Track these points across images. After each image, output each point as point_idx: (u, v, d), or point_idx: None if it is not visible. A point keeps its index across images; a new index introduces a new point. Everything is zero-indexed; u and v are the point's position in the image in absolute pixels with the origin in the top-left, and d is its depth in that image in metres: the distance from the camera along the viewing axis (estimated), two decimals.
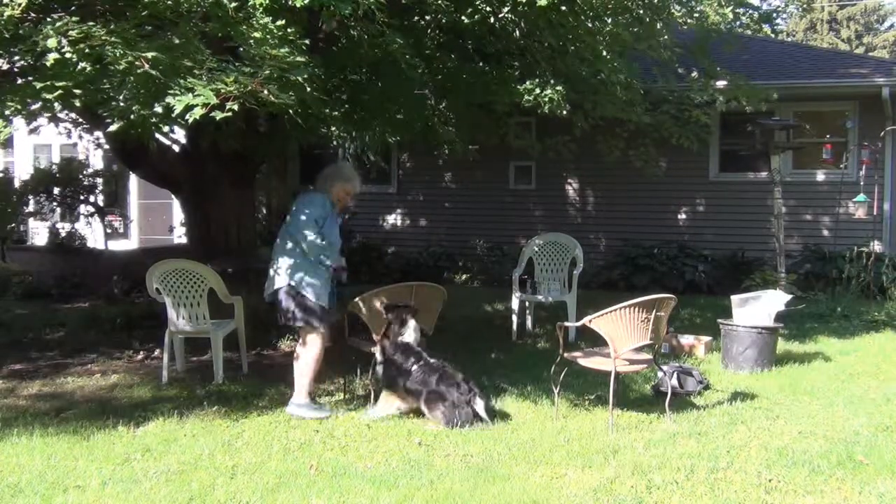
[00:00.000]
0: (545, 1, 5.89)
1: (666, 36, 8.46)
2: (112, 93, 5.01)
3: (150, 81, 4.66)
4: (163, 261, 6.73)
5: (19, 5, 4.53)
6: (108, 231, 15.53)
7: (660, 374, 6.11)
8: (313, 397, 5.93)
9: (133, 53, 4.50)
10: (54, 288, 11.37)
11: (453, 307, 7.80)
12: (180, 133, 8.77)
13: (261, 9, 4.84)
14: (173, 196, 11.14)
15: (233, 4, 4.80)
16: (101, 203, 15.04)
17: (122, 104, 5.03)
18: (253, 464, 4.65)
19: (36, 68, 5.19)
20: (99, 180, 14.84)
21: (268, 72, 4.70)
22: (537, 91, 7.07)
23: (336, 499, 4.13)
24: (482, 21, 6.96)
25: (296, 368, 5.67)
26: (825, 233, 11.90)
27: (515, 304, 8.61)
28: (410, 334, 5.66)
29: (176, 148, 9.19)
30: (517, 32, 7.43)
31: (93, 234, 15.16)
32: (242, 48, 4.98)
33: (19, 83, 5.32)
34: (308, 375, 5.62)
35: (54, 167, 14.55)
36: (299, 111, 5.61)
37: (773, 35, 13.56)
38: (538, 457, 4.74)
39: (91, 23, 4.60)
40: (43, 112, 5.86)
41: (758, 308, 7.13)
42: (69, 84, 4.65)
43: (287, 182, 14.25)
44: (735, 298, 7.29)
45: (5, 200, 13.66)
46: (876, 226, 11.62)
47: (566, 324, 6.35)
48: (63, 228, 14.67)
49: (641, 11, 7.70)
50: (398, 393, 5.58)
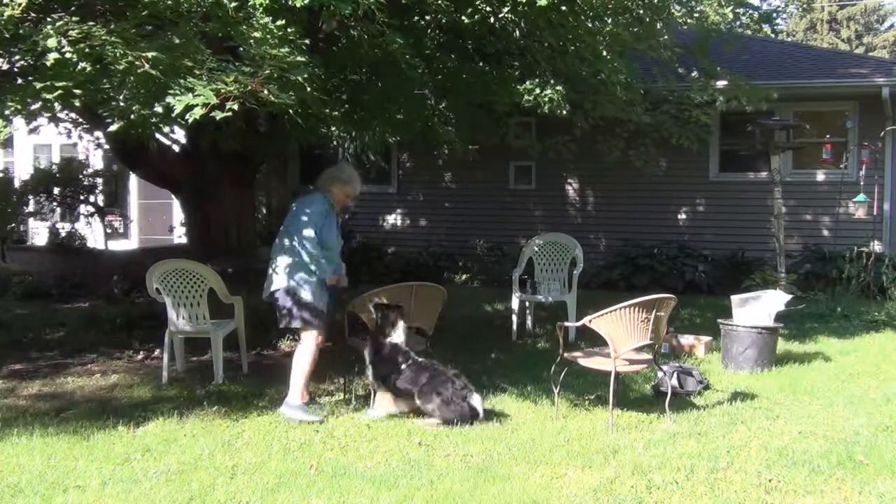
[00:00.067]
0: (545, 1, 5.89)
1: (666, 36, 8.46)
2: (112, 93, 5.01)
3: (150, 81, 4.66)
4: (163, 261, 6.73)
5: (19, 5, 4.53)
6: (108, 231, 15.53)
7: (660, 374, 6.11)
8: (313, 397, 5.93)
9: (133, 53, 4.51)
10: (54, 288, 11.36)
11: (453, 307, 7.80)
12: (180, 133, 8.77)
13: (261, 9, 4.84)
14: (173, 196, 11.14)
15: (233, 4, 4.81)
16: (101, 203, 15.03)
17: (122, 104, 5.04)
18: (253, 464, 4.65)
19: (36, 68, 5.19)
20: (99, 180, 14.84)
21: (268, 72, 4.70)
22: (537, 91, 7.07)
23: (336, 499, 4.13)
24: (482, 21, 6.96)
25: (292, 369, 5.67)
26: (825, 233, 11.90)
27: (515, 304, 8.61)
28: (399, 335, 5.65)
29: (176, 148, 9.20)
30: (517, 32, 7.43)
31: (93, 234, 15.15)
32: (242, 48, 4.98)
33: (19, 83, 5.32)
34: (303, 376, 5.60)
35: (54, 167, 14.54)
36: (299, 111, 5.62)
37: (773, 35, 13.56)
38: (538, 457, 4.74)
39: (91, 23, 4.60)
40: (43, 112, 5.86)
41: (758, 308, 7.14)
42: (69, 84, 4.65)
43: (287, 182, 14.24)
44: (735, 298, 7.29)
45: (5, 200, 13.66)
46: (876, 226, 11.62)
47: (566, 324, 6.35)
48: (63, 228, 14.66)
49: (641, 11, 7.70)
50: (392, 393, 5.59)
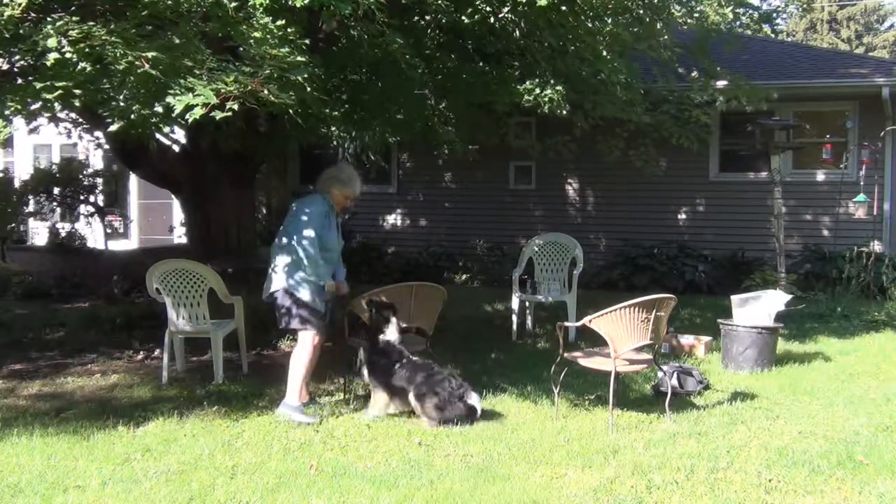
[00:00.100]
0: (545, 1, 5.89)
1: (666, 36, 8.46)
2: (112, 93, 5.01)
3: (151, 81, 4.66)
4: (163, 261, 6.73)
5: (19, 5, 4.53)
6: (108, 231, 15.53)
7: (660, 374, 6.11)
8: (313, 397, 5.94)
9: (133, 53, 4.50)
10: (54, 288, 11.36)
11: (453, 307, 7.80)
12: (180, 133, 8.77)
13: (261, 9, 4.84)
14: (173, 196, 11.15)
15: (233, 4, 4.80)
16: (101, 203, 15.04)
17: (122, 104, 5.04)
18: (253, 464, 4.65)
19: (36, 68, 5.19)
20: (99, 180, 14.85)
21: (268, 71, 4.70)
22: (537, 91, 7.07)
23: (336, 499, 4.13)
24: (482, 21, 6.96)
25: (289, 369, 5.65)
26: (825, 233, 11.90)
27: (515, 304, 8.61)
28: (393, 332, 5.66)
29: (176, 148, 9.20)
30: (517, 32, 7.43)
31: (93, 234, 15.16)
32: (242, 48, 4.98)
33: (19, 83, 5.32)
34: (300, 377, 5.58)
35: (54, 167, 14.55)
36: (299, 111, 5.62)
37: (773, 35, 13.55)
38: (538, 457, 4.74)
39: (91, 23, 4.60)
40: (43, 112, 5.86)
41: (758, 308, 7.14)
42: (69, 84, 4.65)
43: (287, 182, 14.25)
44: (735, 298, 7.29)
45: (5, 200, 13.66)
46: (876, 226, 11.62)
47: (566, 324, 6.35)
48: (63, 228, 14.66)
49: (641, 11, 7.70)
50: (387, 391, 5.59)
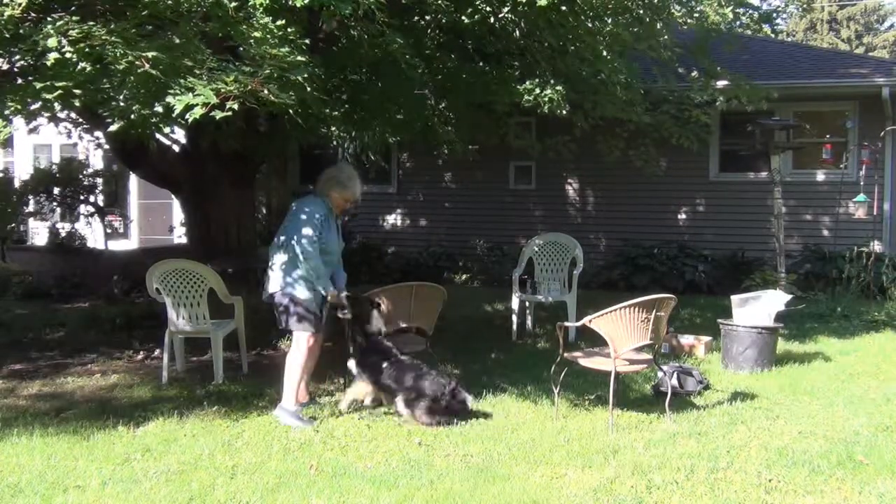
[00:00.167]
0: (545, 1, 5.89)
1: (666, 36, 8.46)
2: (112, 93, 5.01)
3: (151, 81, 4.66)
4: (163, 261, 6.73)
5: (19, 5, 4.53)
6: (108, 231, 15.53)
7: (660, 374, 6.11)
8: (313, 397, 5.93)
9: (133, 53, 4.50)
10: (54, 288, 11.36)
11: (453, 307, 7.80)
12: (180, 133, 8.77)
13: (261, 9, 4.84)
14: (173, 196, 11.14)
15: (233, 4, 4.80)
16: (101, 203, 15.04)
17: (122, 104, 5.04)
18: (253, 464, 4.65)
19: (36, 68, 5.19)
20: (99, 180, 14.85)
21: (268, 71, 4.70)
22: (537, 91, 7.07)
23: (336, 499, 4.13)
24: (482, 21, 6.96)
25: (285, 371, 5.59)
26: (825, 233, 11.90)
27: (515, 304, 8.61)
28: (375, 326, 5.68)
29: (176, 148, 9.19)
30: (517, 32, 7.42)
31: (93, 234, 15.16)
32: (242, 48, 4.98)
33: (19, 83, 5.31)
34: (296, 379, 5.52)
35: (54, 167, 14.55)
36: (299, 111, 5.61)
37: (773, 35, 13.56)
38: (538, 457, 4.74)
39: (91, 22, 4.60)
40: (43, 112, 5.86)
41: (758, 308, 7.14)
42: (69, 84, 4.65)
43: (287, 182, 14.23)
44: (735, 298, 7.29)
45: (5, 200, 13.66)
46: (876, 226, 11.62)
47: (566, 324, 6.35)
48: (63, 228, 14.66)
49: (641, 11, 7.70)
50: (374, 387, 5.60)
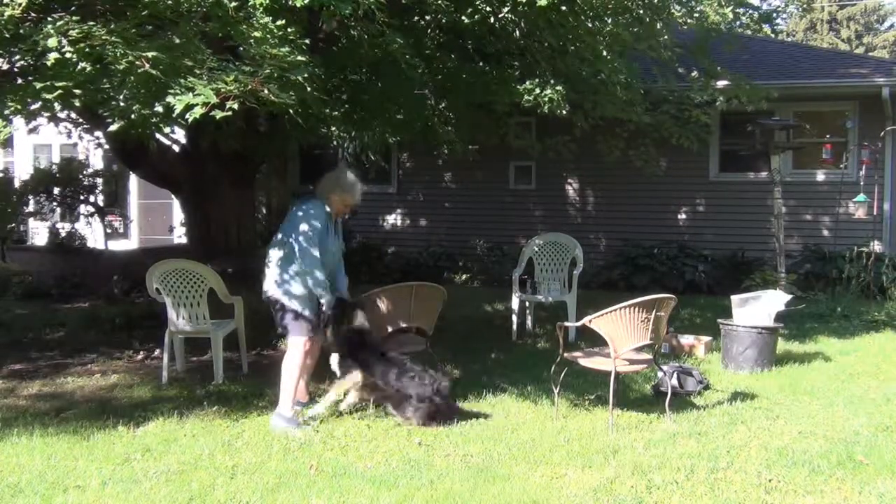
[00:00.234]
0: (545, 1, 5.89)
1: (666, 36, 8.46)
2: (112, 93, 5.01)
3: (151, 81, 4.65)
4: (163, 261, 6.73)
5: (19, 5, 4.53)
6: (108, 231, 15.53)
7: (660, 374, 6.11)
8: (313, 397, 5.92)
9: (133, 53, 4.50)
10: (54, 288, 11.35)
11: (453, 307, 7.80)
12: (180, 133, 8.78)
13: (261, 9, 4.84)
14: (173, 196, 11.15)
15: (233, 4, 4.80)
16: (101, 203, 15.04)
17: (122, 104, 5.04)
18: (253, 464, 4.65)
19: (36, 68, 5.19)
20: (99, 180, 14.85)
21: (268, 71, 4.70)
22: (537, 91, 7.07)
23: (336, 499, 4.13)
24: (482, 21, 6.96)
25: (281, 377, 5.50)
26: (825, 233, 11.89)
27: (515, 304, 8.61)
28: (360, 319, 5.62)
29: (176, 148, 9.21)
30: (517, 32, 7.43)
31: (93, 234, 15.16)
32: (242, 48, 4.98)
33: (19, 83, 5.31)
34: (293, 383, 5.43)
35: (54, 167, 14.55)
36: (299, 111, 5.61)
37: (773, 35, 13.57)
38: (538, 457, 4.74)
39: (91, 22, 4.60)
40: (43, 112, 5.86)
41: (758, 308, 7.13)
42: (69, 84, 4.65)
43: (287, 182, 14.25)
44: (735, 298, 7.29)
45: (5, 200, 13.66)
46: (876, 226, 11.61)
47: (566, 324, 6.35)
48: (63, 228, 14.67)
49: (641, 11, 7.71)
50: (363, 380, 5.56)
